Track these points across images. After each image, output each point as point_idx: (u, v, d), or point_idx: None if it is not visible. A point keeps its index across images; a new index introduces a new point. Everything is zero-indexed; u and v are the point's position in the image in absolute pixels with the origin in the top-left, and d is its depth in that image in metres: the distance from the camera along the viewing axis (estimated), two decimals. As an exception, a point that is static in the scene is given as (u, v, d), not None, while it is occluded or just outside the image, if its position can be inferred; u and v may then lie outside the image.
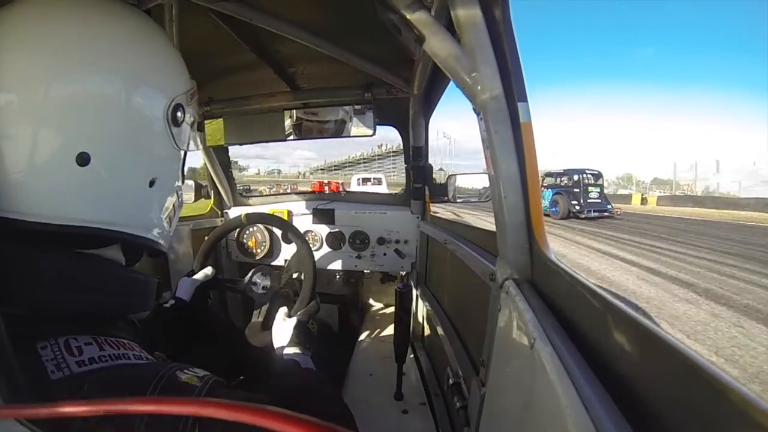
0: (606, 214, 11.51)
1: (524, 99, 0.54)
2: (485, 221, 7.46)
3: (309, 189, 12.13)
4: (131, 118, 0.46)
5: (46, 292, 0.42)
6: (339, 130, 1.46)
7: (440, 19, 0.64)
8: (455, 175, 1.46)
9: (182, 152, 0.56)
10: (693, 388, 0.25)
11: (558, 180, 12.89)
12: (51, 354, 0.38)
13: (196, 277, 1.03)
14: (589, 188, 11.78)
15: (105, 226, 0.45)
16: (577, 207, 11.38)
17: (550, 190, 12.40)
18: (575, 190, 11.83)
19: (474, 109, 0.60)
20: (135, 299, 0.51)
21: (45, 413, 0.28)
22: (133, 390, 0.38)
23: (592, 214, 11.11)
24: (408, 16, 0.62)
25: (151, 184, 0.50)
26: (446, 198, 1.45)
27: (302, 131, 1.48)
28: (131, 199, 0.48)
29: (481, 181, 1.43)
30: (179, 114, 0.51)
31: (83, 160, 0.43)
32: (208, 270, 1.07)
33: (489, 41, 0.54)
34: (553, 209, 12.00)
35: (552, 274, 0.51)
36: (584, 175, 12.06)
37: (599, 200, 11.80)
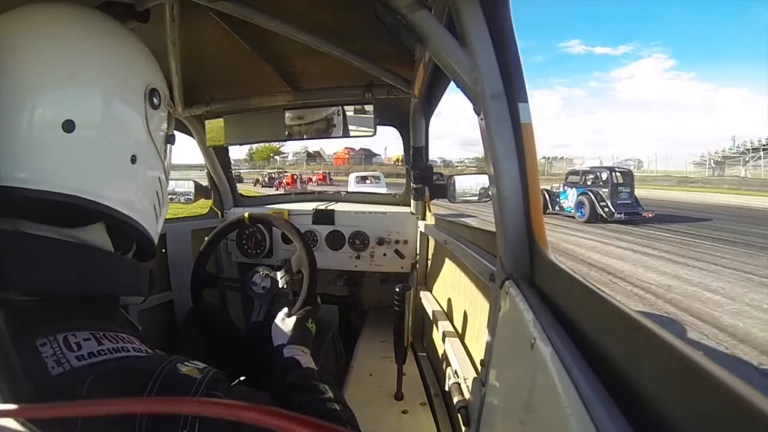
0: (638, 217, 10.01)
1: (525, 99, 0.55)
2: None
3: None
4: (114, 87, 0.49)
5: (37, 273, 0.42)
6: (329, 130, 1.47)
7: (440, 19, 0.65)
8: (455, 175, 1.46)
9: (163, 142, 0.57)
10: (694, 387, 0.25)
11: (583, 178, 11.19)
12: (50, 350, 0.38)
13: None
14: (619, 188, 10.29)
15: (88, 196, 0.46)
16: (606, 209, 9.87)
17: (575, 189, 10.96)
18: (603, 190, 10.27)
19: (474, 109, 0.60)
20: (125, 279, 0.51)
21: (45, 413, 0.29)
22: (134, 383, 0.38)
23: (623, 218, 9.67)
24: (408, 16, 0.62)
25: (133, 160, 0.51)
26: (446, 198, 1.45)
27: (294, 135, 1.49)
28: (114, 170, 0.49)
29: (481, 182, 1.43)
30: (155, 99, 0.54)
31: (69, 126, 0.44)
32: None
33: (490, 41, 0.54)
34: (579, 212, 10.45)
35: (552, 273, 0.51)
36: (614, 174, 10.63)
37: (629, 201, 10.31)
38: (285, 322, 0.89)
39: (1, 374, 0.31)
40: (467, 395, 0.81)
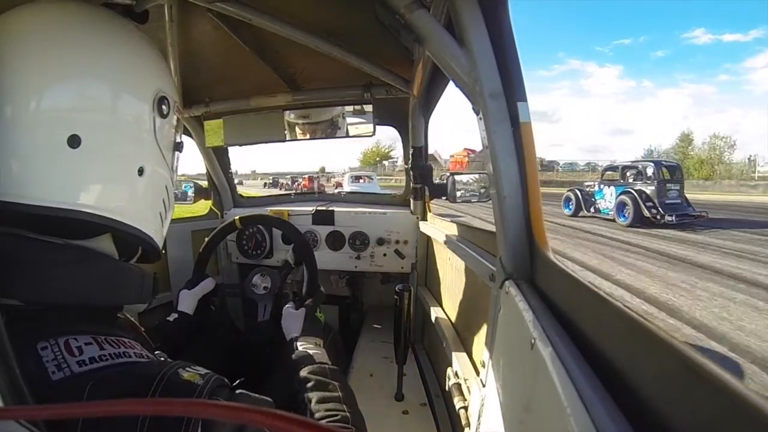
0: (690, 219, 8.45)
1: (524, 99, 0.55)
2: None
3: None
4: (121, 98, 0.47)
5: (40, 281, 0.42)
6: (333, 131, 1.48)
7: (440, 19, 0.65)
8: (454, 174, 1.46)
9: (171, 150, 0.56)
10: (693, 388, 0.25)
11: (625, 174, 9.44)
12: (51, 354, 0.38)
13: (195, 290, 1.03)
14: (667, 185, 8.66)
15: (95, 211, 0.45)
16: (654, 211, 8.25)
17: (613, 187, 9.32)
18: (650, 187, 8.57)
19: (473, 109, 0.60)
20: (130, 289, 0.51)
21: (45, 414, 0.28)
22: (135, 389, 0.38)
23: (674, 221, 8.10)
24: (407, 16, 0.62)
25: (141, 172, 0.50)
26: (445, 198, 1.45)
27: (296, 135, 1.49)
28: (121, 185, 0.48)
29: (482, 181, 1.43)
30: (164, 107, 0.52)
31: (75, 142, 0.43)
32: (208, 283, 1.06)
33: (488, 41, 0.54)
34: (621, 215, 8.85)
35: (552, 274, 0.51)
36: (661, 168, 8.92)
37: (679, 201, 8.72)
38: (293, 315, 0.89)
39: (2, 377, 0.31)
40: (467, 396, 0.81)
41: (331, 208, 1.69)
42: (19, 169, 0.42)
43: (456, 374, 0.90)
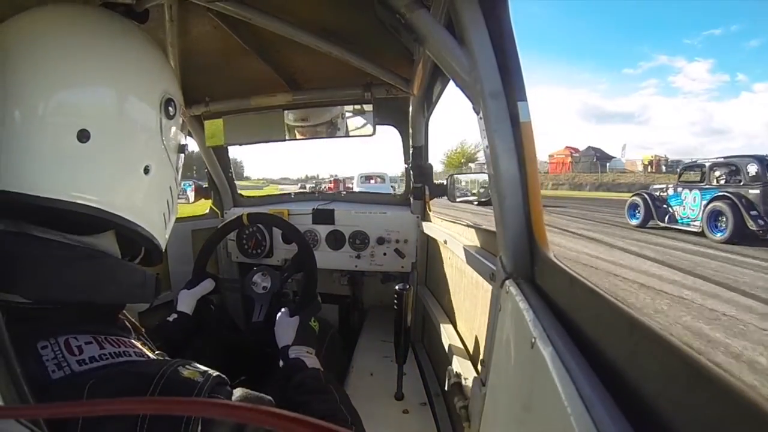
0: None
1: (524, 98, 0.55)
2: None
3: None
4: (130, 98, 0.48)
5: (45, 278, 0.42)
6: (332, 132, 1.48)
7: (440, 19, 0.65)
8: (454, 174, 1.47)
9: (176, 152, 0.56)
10: (694, 387, 0.25)
11: (711, 174, 7.26)
12: (51, 353, 0.38)
13: (195, 290, 1.04)
14: None
15: (100, 206, 0.46)
16: (761, 222, 6.25)
17: (696, 190, 7.32)
18: (752, 191, 6.47)
19: (473, 109, 0.60)
20: (134, 288, 0.51)
21: (46, 413, 0.28)
22: (135, 387, 0.38)
23: None
24: (408, 16, 0.62)
25: (146, 171, 0.50)
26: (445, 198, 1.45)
27: (296, 136, 1.50)
28: (127, 181, 0.49)
29: (482, 180, 1.43)
30: (171, 109, 0.52)
31: (84, 136, 0.43)
32: (208, 284, 1.07)
33: (489, 40, 0.54)
34: (713, 228, 6.84)
35: (552, 273, 0.51)
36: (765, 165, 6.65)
37: None
38: (287, 322, 0.89)
39: (2, 376, 0.31)
40: (467, 395, 0.81)
41: (331, 207, 1.69)
42: (27, 162, 0.42)
43: (456, 373, 0.90)
